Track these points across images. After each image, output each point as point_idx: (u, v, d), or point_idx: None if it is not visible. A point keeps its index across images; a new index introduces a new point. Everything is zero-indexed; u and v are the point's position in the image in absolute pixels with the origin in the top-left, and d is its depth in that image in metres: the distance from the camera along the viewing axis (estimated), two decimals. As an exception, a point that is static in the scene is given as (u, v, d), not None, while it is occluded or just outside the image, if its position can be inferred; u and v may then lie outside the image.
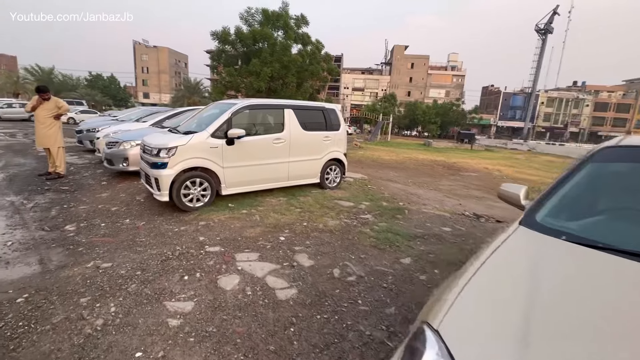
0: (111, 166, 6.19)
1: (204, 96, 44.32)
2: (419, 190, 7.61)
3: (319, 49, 15.75)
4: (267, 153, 5.06)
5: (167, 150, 4.17)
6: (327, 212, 4.70)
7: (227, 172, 4.65)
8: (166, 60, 71.71)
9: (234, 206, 4.76)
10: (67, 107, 6.23)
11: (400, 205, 5.60)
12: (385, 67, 75.41)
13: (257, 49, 14.37)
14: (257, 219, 4.33)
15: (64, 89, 40.61)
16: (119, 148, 6.09)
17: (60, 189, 5.52)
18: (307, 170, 5.70)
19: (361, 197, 5.87)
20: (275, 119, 5.21)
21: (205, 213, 4.40)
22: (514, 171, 14.86)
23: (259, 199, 5.19)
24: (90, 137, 9.28)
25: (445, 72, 72.29)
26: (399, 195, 6.55)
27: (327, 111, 5.94)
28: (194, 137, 4.33)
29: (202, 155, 4.40)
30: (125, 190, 5.52)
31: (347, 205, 5.19)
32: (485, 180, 11.06)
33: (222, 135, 4.54)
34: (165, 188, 4.19)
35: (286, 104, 5.35)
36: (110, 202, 4.83)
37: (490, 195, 7.95)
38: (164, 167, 4.17)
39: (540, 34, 37.16)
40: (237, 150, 4.68)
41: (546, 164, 20.17)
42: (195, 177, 4.40)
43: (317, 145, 5.77)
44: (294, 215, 4.48)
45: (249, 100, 4.94)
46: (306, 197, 5.49)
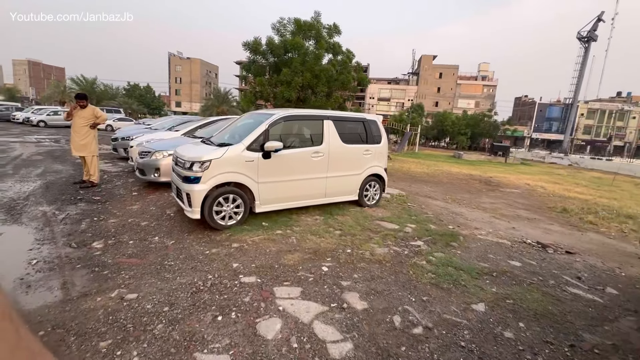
0: (143, 176, 6.04)
1: (231, 105, 45.49)
2: (462, 209, 6.91)
3: (349, 59, 15.42)
4: (304, 168, 4.65)
5: (201, 163, 3.86)
6: (371, 237, 4.19)
7: (262, 187, 4.28)
8: (198, 71, 74.85)
9: (268, 225, 4.36)
10: (105, 117, 6.21)
11: (450, 229, 4.97)
12: (412, 77, 74.39)
13: (288, 58, 14.26)
14: (294, 241, 3.89)
15: (104, 97, 43.07)
16: (150, 158, 5.94)
17: (92, 199, 5.40)
18: (346, 186, 5.23)
19: (404, 217, 5.30)
20: (313, 130, 4.81)
21: (237, 233, 4.02)
22: (560, 188, 13.59)
23: (294, 218, 4.77)
24: (124, 145, 9.36)
25: (475, 82, 70.15)
26: (444, 216, 5.92)
27: (368, 123, 5.47)
28: (229, 150, 4.00)
29: (236, 170, 4.06)
30: (155, 202, 5.30)
31: (392, 228, 4.64)
32: (530, 198, 10.07)
33: (258, 148, 4.19)
34: (197, 204, 3.87)
35: (325, 114, 4.95)
36: (140, 216, 4.59)
37: (540, 215, 7.11)
38: (196, 181, 3.86)
39: (583, 42, 34.97)
40: (273, 165, 4.31)
41: (593, 180, 18.48)
42: (228, 193, 4.06)
43: (357, 160, 5.30)
44: (334, 239, 4.01)
45: (286, 110, 4.58)
46: (344, 217, 5.01)
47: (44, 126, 23.41)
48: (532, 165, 28.12)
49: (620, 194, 13.21)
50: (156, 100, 60.30)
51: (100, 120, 6.13)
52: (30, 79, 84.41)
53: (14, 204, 4.82)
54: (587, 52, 34.59)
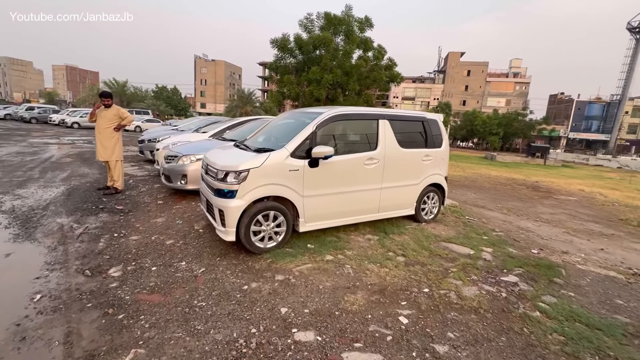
0: (169, 183, 5.47)
1: (255, 106, 45.57)
2: (527, 223, 5.86)
3: (381, 54, 14.47)
4: (356, 177, 3.85)
5: (237, 173, 3.14)
6: (446, 267, 3.31)
7: (308, 202, 3.52)
8: (222, 73, 76.06)
9: (314, 248, 3.60)
10: (131, 119, 5.71)
11: (536, 254, 4.00)
12: (438, 75, 71.85)
13: (316, 56, 13.55)
14: (351, 272, 3.09)
15: (134, 99, 44.43)
16: (177, 163, 5.35)
17: (115, 208, 4.86)
18: (402, 199, 4.38)
19: (472, 237, 4.37)
20: (366, 132, 3.99)
21: (280, 258, 3.28)
22: (621, 195, 11.94)
23: (342, 237, 3.98)
24: (150, 148, 8.96)
25: (507, 79, 66.66)
26: (514, 233, 4.93)
27: (428, 122, 4.59)
28: (271, 157, 3.27)
29: (279, 181, 3.32)
30: (182, 214, 4.68)
31: (465, 254, 3.74)
32: (593, 207, 8.73)
33: (304, 155, 3.43)
34: (232, 224, 3.16)
35: (381, 112, 4.12)
36: (166, 232, 3.97)
37: (616, 230, 5.95)
38: (231, 196, 3.15)
39: (634, 33, 31.86)
40: (321, 174, 3.54)
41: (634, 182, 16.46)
42: (268, 210, 3.32)
43: (416, 167, 4.43)
44: (400, 270, 3.17)
45: (335, 108, 3.79)
46: (402, 236, 4.16)
47: (77, 127, 24.08)
48: (576, 168, 25.87)
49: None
50: (182, 101, 61.72)
51: (127, 122, 5.63)
52: (68, 83, 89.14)
53: (31, 214, 4.35)
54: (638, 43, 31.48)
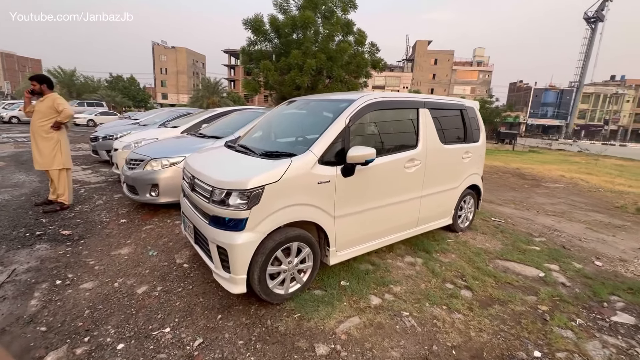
0: (134, 195, 4.20)
1: (222, 96, 43.04)
2: (546, 219, 5.35)
3: (363, 39, 13.46)
4: (396, 185, 2.92)
5: (246, 193, 2.07)
6: (529, 303, 2.51)
7: (340, 224, 2.54)
8: (184, 61, 71.25)
9: (350, 285, 2.64)
10: (68, 113, 4.13)
11: (601, 267, 3.36)
12: (406, 64, 72.47)
13: (296, 39, 12.28)
14: (415, 325, 2.19)
15: (85, 90, 40.04)
16: (144, 169, 4.10)
17: (59, 234, 3.57)
18: (440, 206, 3.53)
19: (522, 248, 3.65)
20: (405, 125, 3.05)
21: (311, 309, 2.30)
22: (599, 180, 12.17)
23: (377, 262, 3.06)
24: (107, 147, 7.42)
25: (471, 67, 68.72)
26: (549, 235, 4.34)
27: (467, 111, 3.74)
28: (293, 165, 2.22)
29: (305, 199, 2.30)
30: (155, 239, 3.50)
31: (534, 276, 2.98)
32: (584, 194, 8.65)
33: (334, 160, 2.43)
34: (241, 269, 2.11)
35: (421, 100, 3.18)
36: (134, 272, 2.81)
37: (622, 220, 5.68)
38: (238, 227, 2.09)
39: (590, 23, 33.57)
40: (356, 185, 2.56)
41: (620, 169, 17.26)
42: (291, 241, 2.30)
43: (456, 167, 3.59)
44: (478, 316, 2.31)
45: (368, 93, 2.78)
46: (447, 254, 3.32)
47: (17, 122, 20.86)
48: (543, 153, 26.88)
49: (667, 185, 11.95)
50: (141, 92, 56.96)
51: (63, 118, 4.11)
52: (5, 72, 79.03)
53: None
54: (594, 32, 33.24)
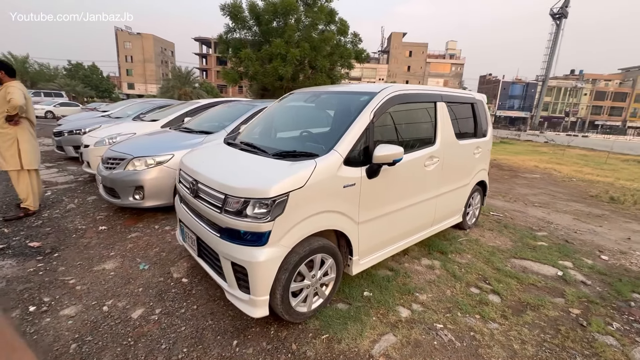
0: (114, 199, 3.72)
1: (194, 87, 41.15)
2: (535, 211, 5.45)
3: (345, 28, 13.15)
4: (416, 184, 2.72)
5: (268, 202, 1.77)
6: (560, 306, 2.42)
7: (364, 230, 2.30)
8: (151, 49, 67.19)
9: (374, 296, 2.43)
10: (14, 103, 3.38)
11: (607, 261, 3.38)
12: (382, 56, 72.94)
13: (277, 27, 11.76)
14: (453, 340, 2.01)
15: (41, 79, 36.79)
16: (125, 169, 3.63)
17: (26, 247, 3.07)
18: (453, 205, 3.39)
19: (531, 244, 3.62)
20: (424, 120, 2.84)
21: (338, 326, 2.06)
22: (569, 170, 12.87)
23: (394, 267, 2.87)
24: (73, 142, 6.69)
25: (444, 60, 70.34)
26: (548, 229, 4.37)
27: (477, 105, 3.60)
28: (319, 167, 1.94)
29: (330, 205, 2.03)
30: (144, 249, 3.10)
31: (553, 275, 2.92)
32: (559, 184, 9.07)
33: (360, 159, 2.17)
34: (263, 289, 1.83)
35: (438, 92, 2.97)
36: (125, 292, 2.42)
37: (600, 209, 5.95)
38: (260, 241, 1.79)
39: (555, 19, 35.25)
40: (380, 187, 2.33)
41: (585, 158, 18.36)
42: (315, 253, 2.03)
43: (468, 163, 3.46)
44: (515, 325, 2.18)
45: (391, 86, 2.53)
46: (462, 255, 3.20)
47: None
48: (513, 144, 28.09)
49: (625, 173, 12.84)
50: (105, 81, 53.25)
51: (9, 108, 3.42)
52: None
53: None
54: (559, 28, 34.97)
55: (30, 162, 3.73)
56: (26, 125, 3.74)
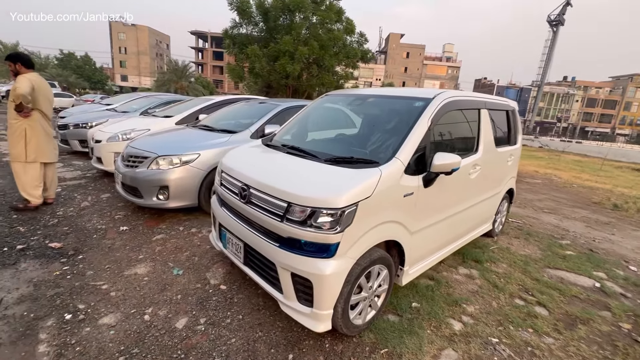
0: (137, 199, 3.58)
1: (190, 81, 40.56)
2: (548, 218, 5.48)
3: (352, 27, 13.06)
4: (461, 192, 2.68)
5: (337, 213, 1.69)
6: (609, 320, 2.40)
7: (416, 240, 2.24)
8: (146, 41, 66.00)
9: (422, 307, 2.37)
10: (17, 92, 3.24)
11: (637, 272, 3.39)
12: (379, 56, 73.11)
13: (285, 23, 11.61)
14: (512, 356, 1.97)
15: (30, 68, 35.74)
16: (148, 168, 3.49)
17: (47, 248, 2.92)
18: (486, 212, 3.36)
19: (561, 253, 3.61)
20: (469, 127, 2.78)
21: (394, 342, 1.99)
22: (568, 176, 13.09)
23: (434, 276, 2.82)
24: (80, 136, 6.49)
25: (441, 62, 70.83)
26: (569, 237, 4.38)
27: (511, 112, 3.57)
28: (385, 176, 1.86)
29: (391, 215, 1.96)
30: (175, 252, 2.98)
31: (591, 286, 2.92)
32: (562, 190, 9.19)
33: (416, 167, 2.10)
34: (327, 303, 1.75)
35: (482, 99, 2.92)
36: (163, 300, 2.31)
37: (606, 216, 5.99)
38: (328, 253, 1.71)
39: (552, 25, 35.84)
40: (432, 196, 2.27)
41: (580, 164, 18.68)
42: (374, 264, 1.96)
43: (503, 171, 3.43)
44: (572, 340, 2.15)
45: (444, 92, 2.45)
46: (497, 264, 3.17)
47: None
48: (509, 148, 28.37)
49: (621, 180, 13.12)
50: (98, 72, 52.11)
51: (14, 97, 3.30)
52: None
53: None
54: (555, 34, 35.54)
55: (38, 155, 3.57)
56: (37, 117, 3.57)
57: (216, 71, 64.21)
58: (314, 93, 13.63)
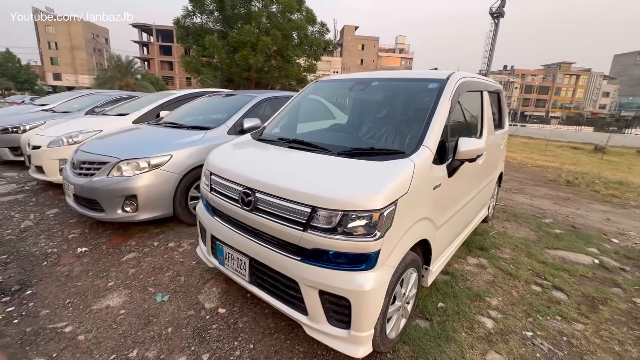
0: (95, 212, 2.98)
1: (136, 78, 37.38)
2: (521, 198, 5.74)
3: (313, 17, 12.70)
4: (472, 180, 2.54)
5: (374, 215, 1.40)
6: (623, 297, 2.41)
7: (439, 236, 2.04)
8: (81, 34, 59.50)
9: (450, 307, 2.19)
10: None
11: (619, 244, 3.57)
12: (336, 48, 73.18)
13: (243, 12, 10.92)
14: (552, 349, 1.85)
15: None
16: (109, 175, 2.91)
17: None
18: (485, 198, 3.29)
19: (553, 232, 3.69)
20: (475, 112, 2.63)
21: (434, 353, 1.77)
22: (521, 156, 14.15)
23: (449, 271, 2.67)
24: (9, 142, 5.48)
25: (394, 54, 72.95)
26: (550, 215, 4.56)
27: (501, 95, 3.52)
28: (417, 166, 1.61)
29: (424, 212, 1.73)
30: (154, 274, 2.49)
31: (590, 263, 2.97)
32: (519, 170, 9.95)
33: (438, 156, 1.88)
34: (369, 324, 1.47)
35: (484, 81, 2.79)
36: (150, 337, 1.87)
37: (564, 192, 6.47)
38: (365, 265, 1.42)
39: (494, 17, 38.46)
40: (455, 186, 2.08)
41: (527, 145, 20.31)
42: (408, 268, 1.72)
43: (498, 154, 3.38)
44: (612, 329, 2.09)
45: (457, 73, 2.24)
46: (502, 250, 3.12)
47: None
48: (463, 134, 30.13)
49: (565, 158, 14.46)
50: (24, 70, 46.07)
51: None
52: None
53: None
54: (497, 26, 38.19)
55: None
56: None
57: (165, 67, 60.05)
58: (278, 86, 13.11)
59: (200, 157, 3.19)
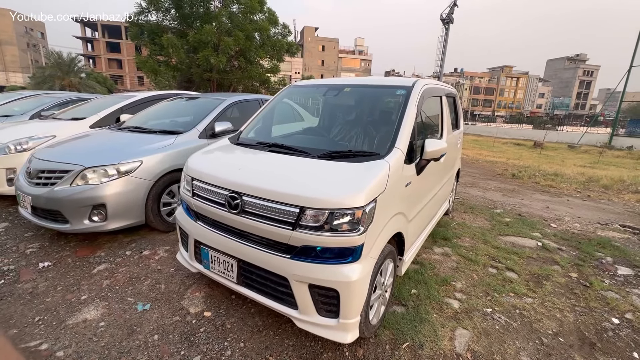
0: (58, 224, 2.81)
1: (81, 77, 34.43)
2: (473, 190, 6.33)
3: (275, 19, 12.71)
4: (435, 177, 2.80)
5: (359, 211, 1.54)
6: (562, 271, 2.81)
7: (411, 228, 2.26)
8: (10, 28, 53.19)
9: (418, 291, 2.41)
10: None
11: (558, 228, 4.10)
12: (297, 49, 73.05)
13: (201, 11, 10.62)
14: (508, 321, 2.14)
15: None
16: (72, 185, 2.76)
17: None
18: (446, 193, 3.61)
19: (504, 221, 4.14)
20: (435, 114, 2.90)
21: (411, 334, 1.96)
22: (472, 153, 15.31)
23: (418, 261, 2.92)
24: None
25: (354, 56, 74.71)
26: (500, 205, 5.09)
27: (456, 98, 3.87)
28: (392, 166, 1.78)
29: (398, 207, 1.91)
30: (131, 283, 2.42)
31: (534, 246, 3.40)
32: (470, 165, 10.71)
33: (407, 156, 2.08)
34: (355, 311, 1.61)
35: (442, 87, 3.07)
36: (135, 346, 1.85)
37: (510, 184, 7.23)
38: (351, 258, 1.57)
39: (444, 23, 41.06)
40: (422, 183, 2.31)
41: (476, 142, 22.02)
42: (385, 260, 1.89)
43: (456, 153, 3.72)
44: (554, 300, 2.44)
45: (420, 80, 2.47)
46: (462, 239, 3.46)
47: None
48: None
49: (510, 153, 15.94)
50: (-60, 68, 40.05)
51: None
52: None
53: None
54: (447, 32, 40.83)
55: None
56: None
57: (113, 65, 55.85)
58: (240, 87, 12.91)
59: (173, 163, 3.14)
